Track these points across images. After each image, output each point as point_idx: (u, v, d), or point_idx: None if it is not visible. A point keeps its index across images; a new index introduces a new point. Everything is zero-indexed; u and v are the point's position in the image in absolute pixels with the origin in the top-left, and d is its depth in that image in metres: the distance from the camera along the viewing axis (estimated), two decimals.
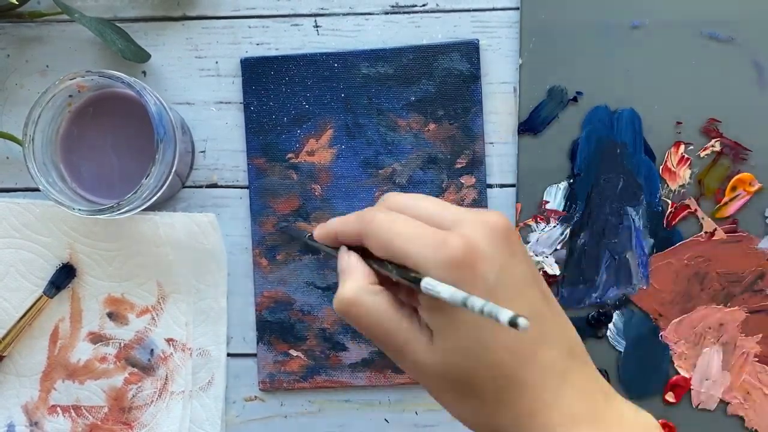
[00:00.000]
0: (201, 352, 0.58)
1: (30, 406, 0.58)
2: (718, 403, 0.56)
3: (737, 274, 0.55)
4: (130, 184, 0.51)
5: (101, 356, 0.58)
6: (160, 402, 0.58)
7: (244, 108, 0.57)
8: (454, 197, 0.57)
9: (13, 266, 0.57)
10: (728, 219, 0.55)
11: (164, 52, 0.58)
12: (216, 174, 0.58)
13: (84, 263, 0.57)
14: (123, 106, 0.53)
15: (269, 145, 0.57)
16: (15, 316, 0.57)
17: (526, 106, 0.56)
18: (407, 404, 0.58)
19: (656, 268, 0.56)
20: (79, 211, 0.50)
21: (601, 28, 0.56)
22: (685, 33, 0.55)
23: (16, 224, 0.57)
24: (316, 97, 0.57)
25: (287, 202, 0.57)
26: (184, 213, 0.57)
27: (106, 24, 0.55)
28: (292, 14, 0.58)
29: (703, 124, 0.55)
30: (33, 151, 0.51)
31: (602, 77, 0.56)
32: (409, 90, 0.57)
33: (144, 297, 0.58)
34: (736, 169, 0.55)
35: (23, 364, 0.58)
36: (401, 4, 0.57)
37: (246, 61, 0.57)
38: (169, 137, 0.51)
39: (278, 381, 0.57)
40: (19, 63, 0.58)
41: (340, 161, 0.57)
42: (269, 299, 0.57)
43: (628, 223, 0.56)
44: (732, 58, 0.55)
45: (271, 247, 0.57)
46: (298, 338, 0.57)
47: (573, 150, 0.56)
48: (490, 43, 0.57)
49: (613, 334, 0.56)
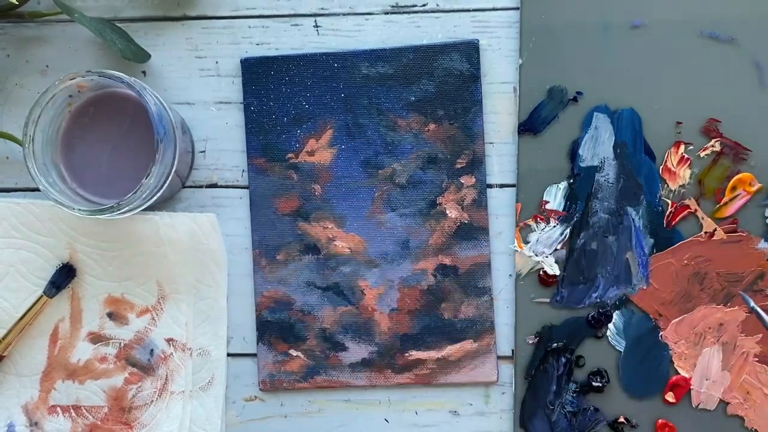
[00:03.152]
0: (201, 352, 0.58)
1: (30, 406, 0.58)
2: (718, 403, 0.56)
3: (737, 274, 0.55)
4: (130, 184, 0.51)
5: (101, 356, 0.58)
6: (160, 402, 0.58)
7: (244, 108, 0.57)
8: (454, 197, 0.57)
9: (13, 266, 0.57)
10: (728, 219, 0.55)
11: (164, 52, 0.58)
12: (216, 174, 0.58)
13: (84, 263, 0.57)
14: (123, 106, 0.53)
15: (269, 145, 0.57)
16: (15, 316, 0.57)
17: (526, 106, 0.56)
18: (407, 404, 0.58)
19: (656, 268, 0.56)
20: (79, 211, 0.50)
21: (602, 28, 0.56)
22: (685, 33, 0.55)
23: (16, 224, 0.57)
24: (316, 97, 0.57)
25: (287, 202, 0.57)
26: (184, 213, 0.57)
27: (106, 24, 0.55)
28: (292, 14, 0.58)
29: (703, 124, 0.55)
30: (33, 151, 0.50)
31: (602, 77, 0.56)
32: (409, 90, 0.57)
33: (144, 297, 0.58)
34: (736, 169, 0.55)
35: (23, 364, 0.58)
36: (401, 4, 0.57)
37: (246, 61, 0.57)
38: (169, 137, 0.51)
39: (278, 381, 0.57)
40: (19, 63, 0.58)
41: (340, 161, 0.57)
42: (269, 299, 0.57)
43: (628, 223, 0.56)
44: (732, 58, 0.55)
45: (271, 247, 0.57)
46: (298, 338, 0.57)
47: (573, 150, 0.56)
48: (490, 43, 0.57)
49: (613, 334, 0.56)
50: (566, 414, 0.56)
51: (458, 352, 0.57)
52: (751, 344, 0.55)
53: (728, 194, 0.55)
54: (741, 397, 0.55)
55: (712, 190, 0.55)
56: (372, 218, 0.57)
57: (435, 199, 0.57)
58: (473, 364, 0.57)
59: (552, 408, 0.56)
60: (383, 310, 0.57)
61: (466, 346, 0.57)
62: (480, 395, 0.57)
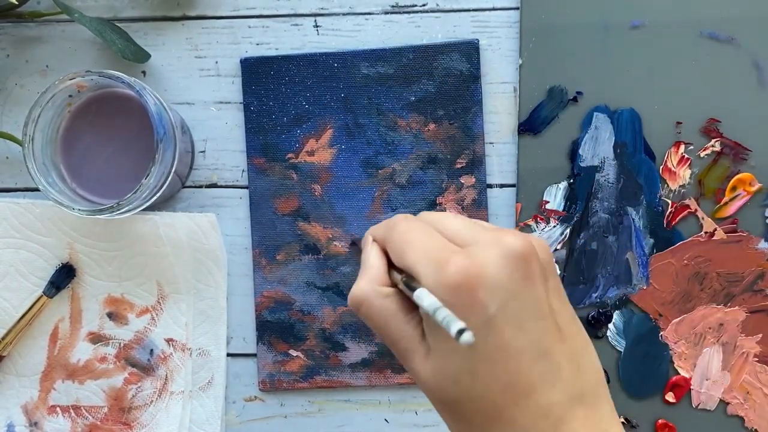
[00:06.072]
0: (201, 352, 0.58)
1: (29, 406, 0.58)
2: (718, 403, 0.56)
3: (737, 274, 0.55)
4: (129, 184, 0.51)
5: (101, 356, 0.58)
6: (160, 402, 0.58)
7: (244, 108, 0.57)
8: (454, 197, 0.57)
9: (13, 266, 0.57)
10: (728, 219, 0.55)
11: (164, 52, 0.58)
12: (216, 174, 0.58)
13: (84, 263, 0.57)
14: (123, 106, 0.53)
15: (269, 145, 0.57)
16: (15, 316, 0.57)
17: (526, 106, 0.56)
18: (407, 404, 0.58)
19: (656, 268, 0.56)
20: (79, 211, 0.50)
21: (601, 28, 0.56)
22: (685, 33, 0.55)
23: (16, 224, 0.57)
24: (315, 97, 0.57)
25: (287, 202, 0.57)
26: (184, 213, 0.57)
27: (105, 24, 0.55)
28: (292, 14, 0.58)
29: (703, 124, 0.55)
30: (33, 151, 0.50)
31: (602, 77, 0.56)
32: (409, 90, 0.57)
33: (144, 297, 0.58)
34: (736, 169, 0.55)
35: (23, 364, 0.58)
36: (401, 4, 0.57)
37: (246, 61, 0.57)
38: (168, 137, 0.51)
39: (278, 381, 0.57)
40: (19, 63, 0.58)
41: (340, 161, 0.57)
42: (269, 299, 0.57)
43: (628, 223, 0.56)
44: (732, 58, 0.55)
45: (271, 247, 0.57)
46: (298, 338, 0.57)
47: (573, 150, 0.56)
48: (490, 43, 0.57)
49: (613, 334, 0.56)
50: None
51: None
52: (751, 344, 0.55)
53: (728, 194, 0.55)
54: (741, 397, 0.55)
55: (712, 190, 0.55)
56: (372, 218, 0.57)
57: (435, 199, 0.57)
58: None
59: None
60: None
61: None
62: None
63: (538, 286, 0.33)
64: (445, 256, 0.33)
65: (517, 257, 0.33)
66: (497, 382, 0.33)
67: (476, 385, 0.33)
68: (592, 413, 0.33)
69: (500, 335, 0.32)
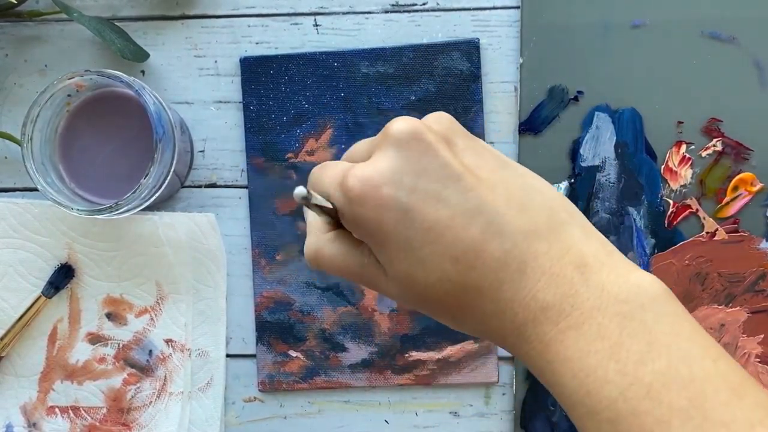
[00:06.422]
0: (200, 352, 0.57)
1: (28, 407, 0.58)
2: None
3: (739, 274, 0.55)
4: (128, 183, 0.51)
5: (100, 357, 0.57)
6: (159, 403, 0.57)
7: (244, 107, 0.57)
8: None
9: (12, 266, 0.57)
10: (729, 219, 0.55)
11: (163, 52, 0.58)
12: (215, 174, 0.58)
13: (83, 263, 0.57)
14: (122, 105, 0.53)
15: (268, 145, 0.57)
16: (13, 317, 0.57)
17: (526, 106, 0.56)
18: (407, 405, 0.57)
19: (657, 268, 0.56)
20: (78, 211, 0.50)
21: (602, 28, 0.55)
22: (685, 33, 0.55)
23: (15, 224, 0.57)
24: (315, 96, 0.57)
25: (287, 202, 0.57)
26: (183, 213, 0.57)
27: (104, 23, 0.55)
28: (291, 13, 0.57)
29: (704, 124, 0.55)
30: (31, 151, 0.50)
31: (603, 77, 0.55)
32: (409, 89, 0.56)
33: (143, 297, 0.57)
34: (737, 169, 0.55)
35: (22, 365, 0.58)
36: (401, 3, 0.57)
37: (245, 61, 0.57)
38: (167, 137, 0.50)
39: (277, 382, 0.57)
40: (17, 62, 0.58)
41: None
42: (268, 300, 0.57)
43: (629, 223, 0.56)
44: (733, 57, 0.55)
45: (271, 247, 0.57)
46: (298, 339, 0.57)
47: (574, 150, 0.56)
48: (491, 43, 0.57)
49: None
50: (567, 415, 0.56)
51: (458, 352, 0.57)
52: (753, 345, 0.55)
53: (730, 194, 0.55)
54: None
55: (713, 190, 0.55)
56: None
57: None
58: (473, 365, 0.57)
59: (553, 409, 0.56)
60: (383, 310, 0.57)
61: (466, 346, 0.57)
62: (480, 396, 0.57)
63: (441, 152, 0.33)
64: (345, 173, 0.34)
65: (406, 139, 0.33)
66: (446, 260, 0.33)
67: (430, 273, 0.33)
68: (556, 243, 0.33)
69: (423, 215, 0.32)
